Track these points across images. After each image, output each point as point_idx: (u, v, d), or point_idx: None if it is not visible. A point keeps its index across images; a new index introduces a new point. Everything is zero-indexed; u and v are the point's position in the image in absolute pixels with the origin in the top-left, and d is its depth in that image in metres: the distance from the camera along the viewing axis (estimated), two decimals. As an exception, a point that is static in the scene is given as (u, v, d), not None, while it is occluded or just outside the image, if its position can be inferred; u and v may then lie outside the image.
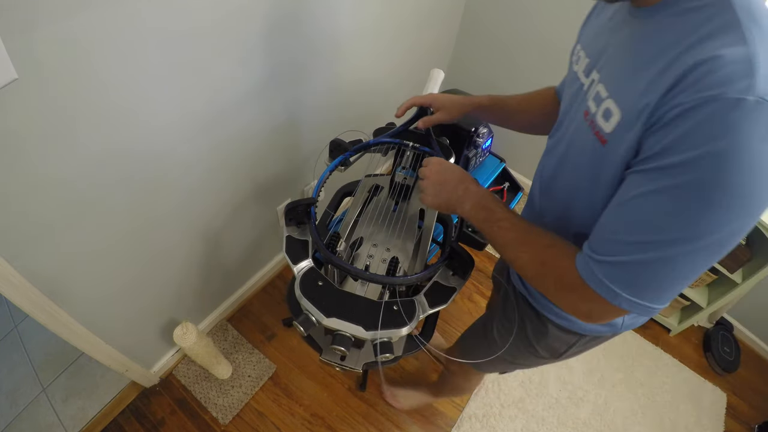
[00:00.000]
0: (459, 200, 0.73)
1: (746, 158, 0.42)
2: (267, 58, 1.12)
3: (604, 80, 0.58)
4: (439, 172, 0.77)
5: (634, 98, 0.50)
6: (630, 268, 0.50)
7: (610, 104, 0.54)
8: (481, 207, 0.70)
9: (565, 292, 0.58)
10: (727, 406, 1.82)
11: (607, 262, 0.52)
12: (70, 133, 0.80)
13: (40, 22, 0.65)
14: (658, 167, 0.46)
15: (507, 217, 0.67)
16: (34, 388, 1.55)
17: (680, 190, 0.45)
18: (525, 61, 1.89)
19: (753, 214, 0.45)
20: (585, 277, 0.54)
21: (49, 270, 0.94)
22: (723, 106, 0.41)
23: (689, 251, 0.47)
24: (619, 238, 0.51)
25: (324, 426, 1.54)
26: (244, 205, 1.43)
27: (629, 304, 0.51)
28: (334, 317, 0.73)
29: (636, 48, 0.54)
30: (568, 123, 0.69)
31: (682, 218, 0.46)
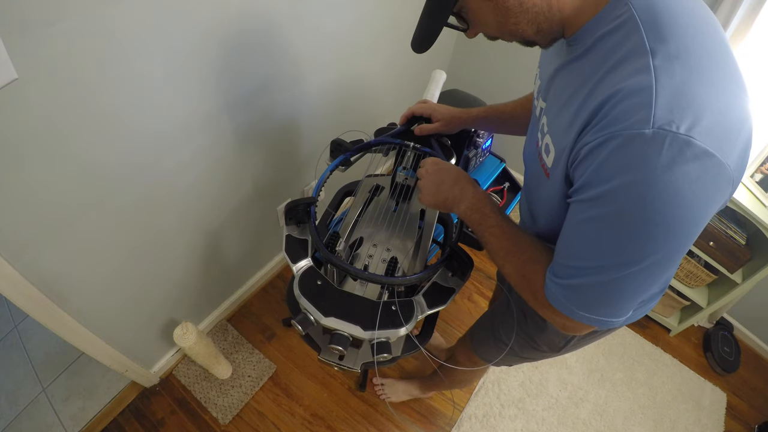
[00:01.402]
0: (455, 200, 0.74)
1: (656, 189, 0.43)
2: (268, 58, 1.12)
3: (546, 113, 0.62)
4: (436, 172, 0.78)
5: (560, 137, 0.54)
6: (581, 290, 0.54)
7: (548, 140, 0.59)
8: (476, 210, 0.72)
9: (540, 306, 0.62)
10: (727, 406, 1.82)
11: (562, 285, 0.56)
12: (70, 134, 0.80)
13: (40, 23, 0.65)
14: (584, 199, 0.50)
15: (498, 224, 0.69)
16: (34, 388, 1.55)
17: (603, 221, 0.48)
18: (524, 62, 1.90)
19: (683, 235, 0.47)
20: (548, 296, 0.59)
21: (49, 270, 0.94)
22: (622, 142, 0.43)
23: (628, 274, 0.50)
24: (568, 263, 0.55)
25: (324, 426, 1.54)
26: (245, 206, 1.43)
27: (587, 320, 0.55)
28: (332, 317, 0.73)
29: (566, 81, 0.57)
30: (529, 142, 0.73)
31: (611, 246, 0.49)
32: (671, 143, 0.41)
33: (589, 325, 0.57)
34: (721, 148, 0.43)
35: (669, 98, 0.42)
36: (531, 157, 0.70)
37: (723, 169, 0.43)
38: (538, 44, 0.60)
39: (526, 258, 0.65)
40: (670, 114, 0.41)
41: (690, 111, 0.42)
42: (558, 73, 0.60)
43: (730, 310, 2.07)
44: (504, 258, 0.67)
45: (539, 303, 0.62)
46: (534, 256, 0.64)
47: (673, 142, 0.41)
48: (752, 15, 1.31)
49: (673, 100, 0.42)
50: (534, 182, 0.70)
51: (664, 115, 0.41)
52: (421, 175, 0.80)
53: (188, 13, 0.87)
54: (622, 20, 0.47)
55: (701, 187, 0.43)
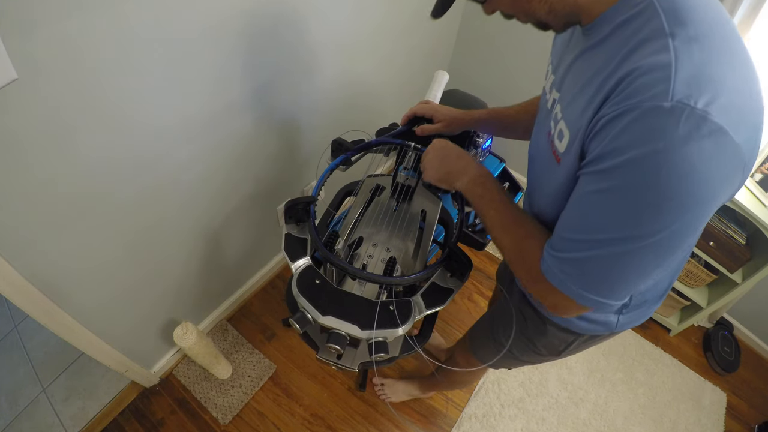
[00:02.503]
0: (458, 173, 0.76)
1: (669, 161, 0.43)
2: (268, 59, 1.12)
3: (561, 101, 0.61)
4: (441, 148, 0.81)
5: (577, 117, 0.54)
6: (580, 264, 0.53)
7: (562, 126, 0.58)
8: (479, 183, 0.73)
9: (534, 282, 0.61)
10: (727, 406, 1.82)
11: (561, 258, 0.55)
12: (70, 134, 0.80)
13: (40, 23, 0.66)
14: (596, 171, 0.49)
15: (500, 199, 0.70)
16: (34, 388, 1.55)
17: (615, 193, 0.47)
18: (524, 62, 1.90)
19: (692, 214, 0.46)
20: (544, 270, 0.58)
21: (49, 270, 0.94)
22: (640, 113, 0.43)
23: (632, 250, 0.49)
24: (570, 236, 0.54)
25: (324, 426, 1.54)
26: (245, 205, 1.43)
27: (583, 298, 0.54)
28: (329, 315, 0.74)
29: (582, 68, 0.57)
30: (536, 137, 0.73)
31: (619, 219, 0.48)
32: (688, 117, 0.41)
33: (581, 306, 0.56)
34: (737, 128, 0.43)
35: (688, 75, 0.42)
36: (540, 148, 0.70)
37: (737, 149, 0.43)
38: (552, 27, 0.59)
39: (524, 233, 0.65)
40: (688, 89, 0.42)
41: (708, 88, 0.42)
42: (575, 63, 0.60)
43: (730, 310, 2.07)
44: (502, 231, 0.67)
45: (533, 278, 0.61)
46: (532, 232, 0.65)
47: (690, 117, 0.41)
48: (752, 15, 1.32)
49: (692, 77, 0.42)
50: (542, 173, 0.69)
51: (682, 89, 0.42)
52: (427, 152, 0.83)
53: (189, 14, 0.87)
54: (642, 7, 0.48)
55: (715, 165, 0.43)
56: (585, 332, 0.82)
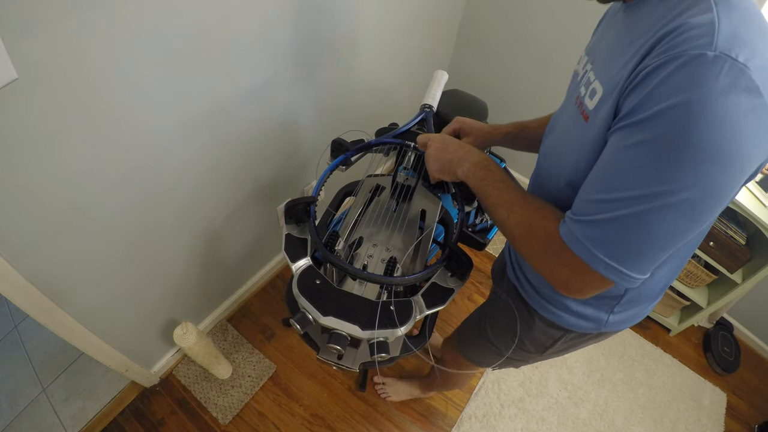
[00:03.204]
0: (460, 160, 0.76)
1: (708, 112, 0.43)
2: (268, 58, 1.12)
3: (593, 68, 0.62)
4: (441, 140, 0.82)
5: (613, 73, 0.54)
6: (606, 226, 0.51)
7: (596, 84, 0.58)
8: (482, 166, 0.72)
9: (547, 254, 0.59)
10: (727, 406, 1.82)
11: (584, 222, 0.53)
12: (70, 133, 0.80)
13: (40, 23, 0.66)
14: (630, 123, 0.48)
15: (504, 179, 0.69)
16: (34, 388, 1.55)
17: (649, 145, 0.47)
18: (524, 62, 1.90)
19: (724, 172, 0.46)
20: (564, 236, 0.55)
21: (49, 270, 0.94)
22: (684, 61, 0.44)
23: (661, 207, 0.48)
24: (596, 197, 0.52)
25: (324, 426, 1.54)
26: (245, 205, 1.43)
27: (606, 267, 0.52)
28: (330, 316, 0.73)
29: (622, 35, 0.57)
30: (564, 110, 0.73)
31: (651, 172, 0.47)
32: (730, 68, 0.43)
33: (600, 280, 0.54)
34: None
35: (729, 32, 0.44)
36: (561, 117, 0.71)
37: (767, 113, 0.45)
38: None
39: (535, 206, 0.63)
40: (729, 43, 0.43)
41: (747, 47, 0.44)
42: (613, 34, 0.61)
43: (730, 310, 2.07)
44: (509, 209, 0.65)
45: (547, 248, 0.58)
46: (542, 205, 0.63)
47: (732, 68, 0.43)
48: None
49: (733, 34, 0.44)
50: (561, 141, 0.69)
51: (724, 43, 0.43)
52: (429, 146, 0.83)
53: (188, 13, 0.87)
54: None
55: (749, 123, 0.44)
56: (572, 328, 0.81)
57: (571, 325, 0.81)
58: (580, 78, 0.67)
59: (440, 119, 1.46)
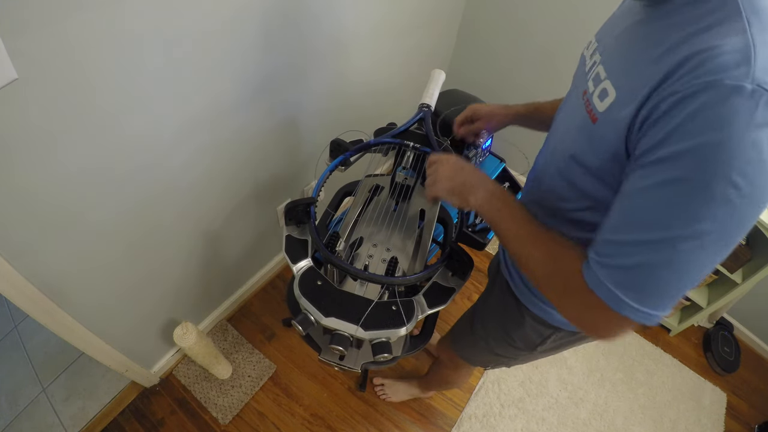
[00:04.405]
0: (474, 187, 0.71)
1: (745, 148, 0.41)
2: (267, 59, 1.12)
3: (604, 62, 0.59)
4: (455, 161, 0.77)
5: (628, 79, 0.51)
6: (635, 271, 0.48)
7: (607, 85, 0.55)
8: (497, 197, 0.68)
9: (571, 296, 0.56)
10: (727, 406, 1.82)
11: (611, 266, 0.49)
12: (70, 133, 0.80)
13: (40, 23, 0.65)
14: (658, 159, 0.45)
15: (523, 213, 0.65)
16: (34, 388, 1.55)
17: (680, 184, 0.44)
18: (524, 61, 1.90)
19: (758, 205, 0.44)
20: (589, 281, 0.51)
21: (49, 270, 0.94)
22: (719, 93, 0.41)
23: (694, 248, 0.45)
24: (623, 239, 0.49)
25: (324, 426, 1.54)
26: (245, 206, 1.43)
27: (634, 311, 0.49)
28: (332, 317, 0.73)
29: (638, 33, 0.55)
30: (567, 103, 0.71)
31: (683, 212, 0.44)
32: (767, 103, 0.40)
33: (631, 322, 0.50)
34: None
35: (764, 62, 0.41)
36: (568, 112, 0.68)
37: None
38: None
39: (558, 243, 0.59)
40: (766, 75, 0.41)
41: None
42: (629, 29, 0.58)
43: (730, 310, 2.07)
44: (531, 244, 0.61)
45: (570, 290, 0.55)
46: (566, 243, 0.59)
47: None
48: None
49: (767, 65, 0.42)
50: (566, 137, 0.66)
51: (761, 75, 0.41)
52: (436, 162, 0.78)
53: (188, 13, 0.87)
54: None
55: None
56: (562, 326, 0.81)
57: (560, 323, 0.81)
58: (588, 68, 0.64)
59: (438, 118, 1.46)
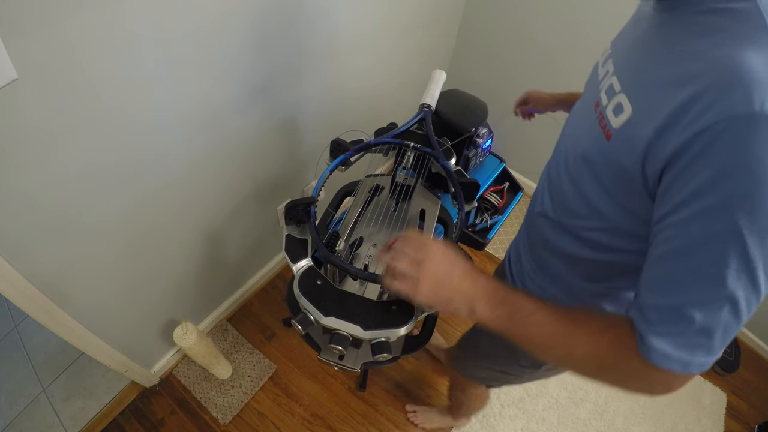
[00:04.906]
0: (466, 298, 0.57)
1: None
2: (266, 58, 1.12)
3: (618, 73, 0.56)
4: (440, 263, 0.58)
5: (645, 96, 0.48)
6: (697, 331, 0.44)
7: (623, 99, 0.52)
8: (500, 302, 0.55)
9: (634, 380, 0.50)
10: (727, 406, 1.82)
11: (669, 333, 0.45)
12: (70, 134, 0.80)
13: (40, 23, 0.65)
14: (700, 211, 0.41)
15: (537, 308, 0.54)
16: (34, 388, 1.55)
17: (728, 233, 0.40)
18: (523, 61, 1.90)
19: None
20: (652, 359, 0.46)
21: (49, 270, 0.94)
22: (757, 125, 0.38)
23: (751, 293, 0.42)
24: (674, 302, 0.44)
25: (324, 426, 1.54)
26: (245, 206, 1.43)
27: (699, 366, 0.45)
28: (332, 316, 0.73)
29: (652, 43, 0.52)
30: (583, 109, 0.66)
31: (737, 263, 0.41)
32: None
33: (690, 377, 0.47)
34: None
35: None
36: (582, 121, 0.62)
37: None
38: None
39: (596, 328, 0.51)
40: None
41: None
42: (643, 37, 0.54)
43: (730, 310, 2.07)
44: (566, 343, 0.52)
45: (632, 376, 0.49)
46: (605, 323, 0.51)
47: None
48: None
49: None
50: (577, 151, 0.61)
51: None
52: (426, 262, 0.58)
53: (188, 13, 0.87)
54: (744, 6, 0.43)
55: None
56: None
57: None
58: (601, 78, 0.61)
59: (439, 119, 1.46)
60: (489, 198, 1.61)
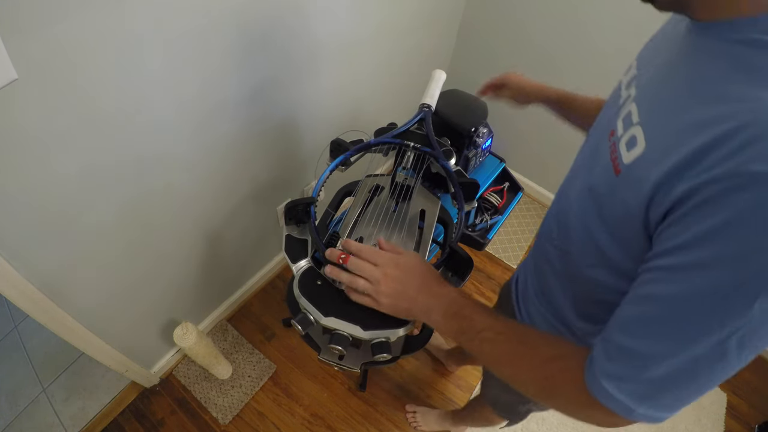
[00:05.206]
0: (423, 310, 0.61)
1: None
2: (266, 59, 1.12)
3: (638, 100, 0.50)
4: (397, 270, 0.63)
5: (662, 133, 0.43)
6: (654, 385, 0.43)
7: (638, 132, 0.47)
8: (453, 314, 0.58)
9: (576, 409, 0.50)
10: (727, 406, 1.82)
11: (624, 379, 0.43)
12: (69, 134, 0.80)
13: (40, 23, 0.65)
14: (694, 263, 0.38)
15: (490, 325, 0.55)
16: (34, 388, 1.55)
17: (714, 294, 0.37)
18: (522, 63, 1.90)
19: None
20: (599, 396, 0.45)
21: (49, 270, 0.94)
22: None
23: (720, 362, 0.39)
24: (640, 348, 0.42)
25: (324, 426, 1.54)
26: (244, 206, 1.43)
27: (644, 417, 0.45)
28: (332, 316, 0.73)
29: (680, 73, 0.46)
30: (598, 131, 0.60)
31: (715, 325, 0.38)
32: None
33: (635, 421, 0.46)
34: None
35: None
36: (596, 146, 0.57)
37: None
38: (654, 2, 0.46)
39: (546, 356, 0.51)
40: None
41: None
42: (671, 63, 0.49)
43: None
44: (514, 364, 0.53)
45: (575, 405, 0.49)
46: (557, 352, 0.51)
47: None
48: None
49: None
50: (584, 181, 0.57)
51: None
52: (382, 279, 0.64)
53: (188, 13, 0.87)
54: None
55: None
56: None
57: None
58: (622, 102, 0.55)
59: (439, 119, 1.46)
60: (489, 198, 1.61)
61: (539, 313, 0.78)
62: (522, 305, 0.86)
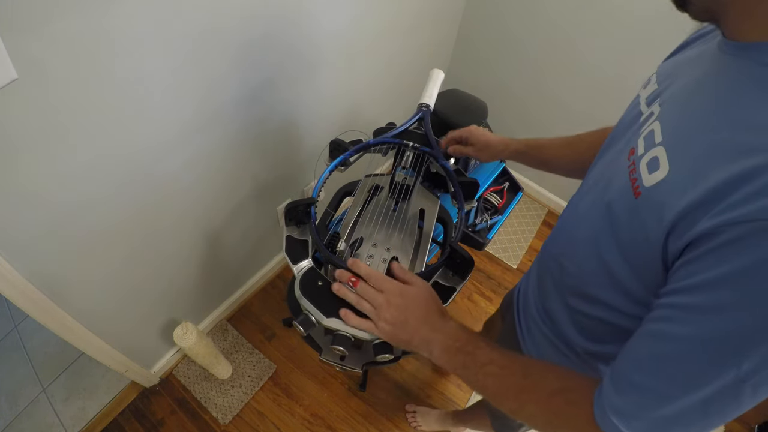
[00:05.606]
0: (423, 343, 0.60)
1: None
2: (266, 59, 1.12)
3: (662, 119, 0.48)
4: (401, 299, 0.62)
5: (689, 162, 0.40)
6: (663, 420, 0.41)
7: (661, 154, 0.44)
8: (456, 350, 0.57)
9: None
10: (727, 405, 1.82)
11: (636, 418, 0.42)
12: (70, 135, 0.80)
13: (40, 23, 0.65)
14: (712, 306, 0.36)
15: (493, 359, 0.54)
16: (34, 388, 1.55)
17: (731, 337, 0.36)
18: (523, 62, 1.90)
19: None
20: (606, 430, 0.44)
21: (49, 270, 0.94)
22: None
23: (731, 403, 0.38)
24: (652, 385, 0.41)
25: (324, 426, 1.54)
26: (245, 206, 1.43)
27: None
28: (333, 317, 0.73)
29: (711, 94, 0.43)
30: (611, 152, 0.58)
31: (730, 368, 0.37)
32: None
33: None
34: None
35: None
36: (615, 165, 0.54)
37: None
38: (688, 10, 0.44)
39: (551, 389, 0.50)
40: None
41: None
42: (699, 78, 0.47)
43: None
44: (518, 399, 0.52)
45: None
46: (562, 385, 0.50)
47: None
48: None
49: None
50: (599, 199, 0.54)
51: None
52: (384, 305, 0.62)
53: (188, 13, 0.87)
54: None
55: None
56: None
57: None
58: (643, 120, 0.52)
59: (438, 118, 1.46)
60: (489, 198, 1.61)
61: (541, 332, 0.76)
62: (523, 320, 0.84)
